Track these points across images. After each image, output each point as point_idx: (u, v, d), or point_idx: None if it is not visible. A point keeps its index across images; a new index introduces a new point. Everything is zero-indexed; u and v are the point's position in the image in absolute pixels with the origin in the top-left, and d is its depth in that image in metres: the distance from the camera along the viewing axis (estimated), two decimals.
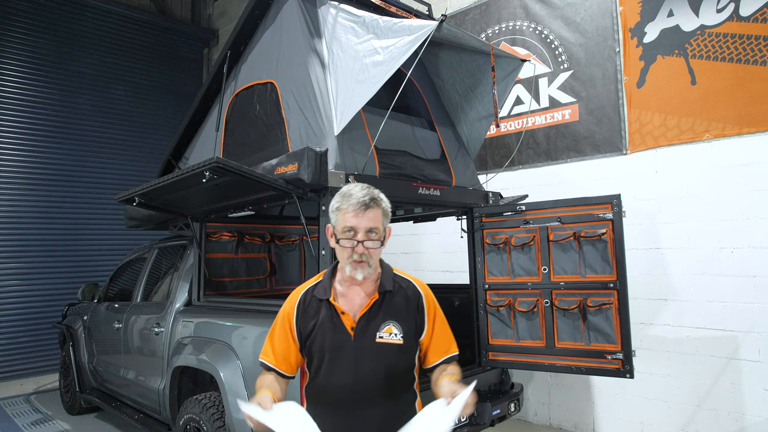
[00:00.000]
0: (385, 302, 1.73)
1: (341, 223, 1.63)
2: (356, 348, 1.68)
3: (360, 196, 1.62)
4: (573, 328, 3.23)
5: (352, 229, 1.62)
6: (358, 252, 1.62)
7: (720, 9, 3.93)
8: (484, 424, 3.32)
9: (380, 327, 1.70)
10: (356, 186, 1.68)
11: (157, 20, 9.41)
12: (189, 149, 4.45)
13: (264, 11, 3.68)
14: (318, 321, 1.71)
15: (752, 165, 3.76)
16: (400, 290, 1.77)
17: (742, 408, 3.73)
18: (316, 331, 1.70)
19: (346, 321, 1.70)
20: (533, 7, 5.13)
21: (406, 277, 1.84)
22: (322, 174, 2.76)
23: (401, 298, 1.76)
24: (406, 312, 1.75)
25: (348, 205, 1.62)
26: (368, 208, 1.62)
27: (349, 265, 1.64)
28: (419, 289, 1.82)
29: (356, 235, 1.62)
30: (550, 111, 4.98)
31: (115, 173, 8.53)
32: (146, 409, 4.08)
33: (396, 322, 1.72)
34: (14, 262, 7.52)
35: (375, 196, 1.65)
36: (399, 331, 1.71)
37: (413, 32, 2.73)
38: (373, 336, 1.69)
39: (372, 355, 1.68)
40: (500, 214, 3.56)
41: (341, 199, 1.65)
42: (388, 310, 1.72)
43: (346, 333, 1.69)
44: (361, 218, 1.61)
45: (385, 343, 1.69)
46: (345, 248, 1.63)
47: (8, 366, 7.35)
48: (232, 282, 4.12)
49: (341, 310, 1.71)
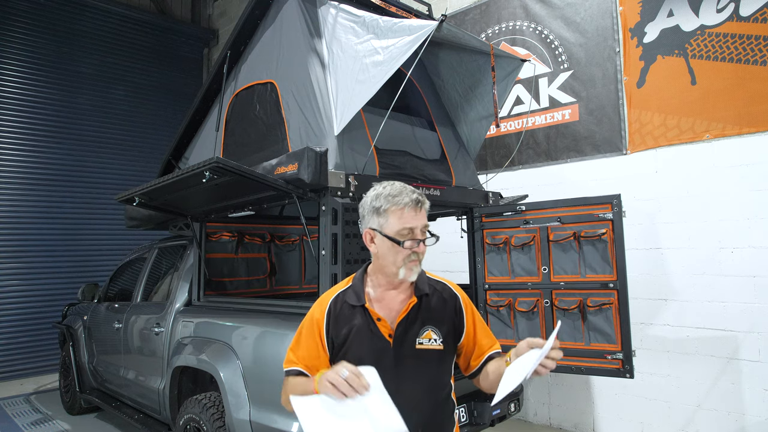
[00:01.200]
0: (422, 306, 1.66)
1: (397, 224, 1.56)
2: (396, 356, 1.59)
3: (410, 194, 1.58)
4: (573, 328, 3.23)
5: (411, 230, 1.56)
6: (419, 251, 1.58)
7: (720, 9, 3.93)
8: (484, 424, 3.32)
9: (419, 333, 1.63)
10: (395, 185, 1.62)
11: (157, 20, 9.41)
12: (189, 149, 4.45)
13: (264, 11, 3.68)
14: (353, 329, 1.61)
15: (752, 165, 3.76)
16: (436, 293, 1.71)
17: (742, 408, 3.73)
18: (351, 339, 1.60)
19: (383, 328, 1.61)
20: (533, 7, 5.13)
21: (440, 280, 1.78)
22: (322, 174, 2.76)
23: (438, 301, 1.70)
24: (444, 315, 1.68)
25: (403, 205, 1.56)
26: (422, 206, 1.59)
27: (404, 267, 1.57)
28: (455, 291, 1.76)
29: (416, 235, 1.57)
30: (550, 111, 4.98)
31: (115, 173, 8.52)
32: (146, 409, 4.08)
33: (434, 326, 1.65)
34: (14, 262, 7.52)
35: (421, 194, 1.62)
36: (438, 336, 1.65)
37: (413, 32, 2.73)
38: (413, 342, 1.62)
39: (412, 362, 1.61)
40: (500, 214, 3.56)
41: (389, 199, 1.58)
42: (425, 315, 1.65)
43: (384, 341, 1.60)
44: (419, 217, 1.58)
45: (425, 350, 1.62)
46: (404, 249, 1.56)
47: (8, 366, 7.35)
48: (232, 282, 4.12)
49: (377, 317, 1.62)
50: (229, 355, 3.08)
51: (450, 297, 1.73)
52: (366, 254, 2.85)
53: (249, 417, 2.86)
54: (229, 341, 3.15)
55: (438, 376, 1.67)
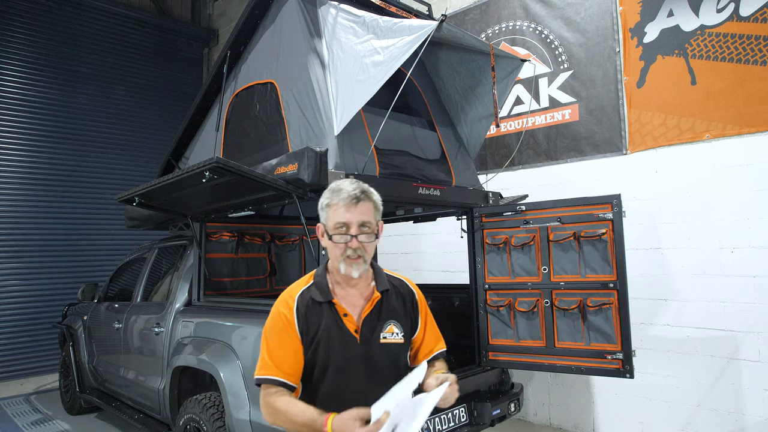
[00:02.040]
0: (384, 302, 1.71)
1: (332, 218, 1.60)
2: (363, 351, 1.64)
3: (350, 190, 1.59)
4: (573, 328, 3.23)
5: (344, 225, 1.58)
6: (352, 247, 1.58)
7: (720, 9, 3.93)
8: (484, 424, 3.32)
9: (383, 327, 1.69)
10: (344, 181, 1.66)
11: (157, 20, 9.41)
12: (189, 149, 4.45)
13: (264, 11, 3.68)
14: (321, 325, 1.63)
15: (752, 165, 3.76)
16: (394, 289, 1.77)
17: (742, 408, 3.73)
18: (320, 335, 1.63)
19: (349, 323, 1.65)
20: (533, 7, 5.13)
21: (397, 276, 1.83)
22: (322, 174, 2.76)
23: (396, 297, 1.76)
24: (402, 311, 1.75)
25: (339, 200, 1.59)
26: (360, 201, 1.59)
27: (343, 262, 1.60)
28: (411, 288, 1.82)
29: (349, 230, 1.58)
30: (550, 111, 4.98)
31: (115, 173, 8.52)
32: (146, 409, 4.08)
33: (396, 321, 1.71)
34: (14, 262, 7.52)
35: (365, 189, 1.63)
36: (399, 330, 1.71)
37: (413, 32, 2.73)
38: (378, 337, 1.67)
39: (379, 357, 1.66)
40: (500, 214, 3.56)
41: (330, 194, 1.62)
42: (387, 310, 1.71)
43: (351, 336, 1.64)
44: (353, 212, 1.58)
45: (388, 344, 1.68)
46: (338, 244, 1.59)
47: (8, 366, 7.35)
48: (232, 282, 4.12)
49: (344, 312, 1.66)
50: (229, 355, 3.08)
51: (407, 293, 1.80)
52: None
53: (249, 417, 2.86)
54: (229, 341, 3.15)
55: (400, 368, 1.74)
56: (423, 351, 1.80)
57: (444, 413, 3.17)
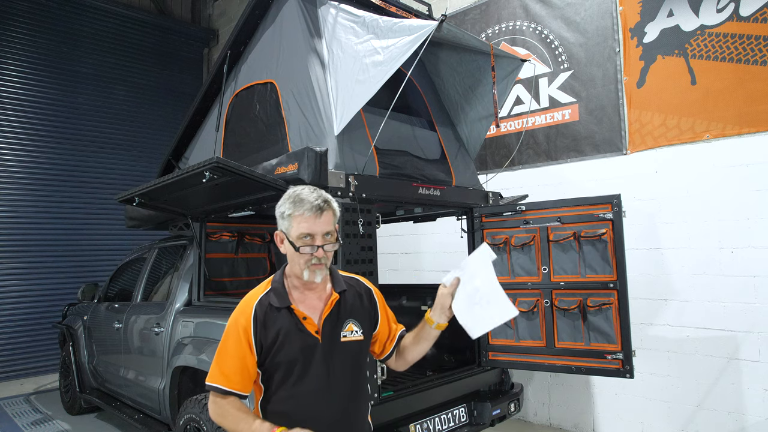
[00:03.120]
0: (342, 302, 1.76)
1: (296, 229, 1.62)
2: (325, 350, 1.69)
3: (313, 200, 1.62)
4: (573, 328, 3.23)
5: (309, 235, 1.62)
6: (318, 256, 1.63)
7: (720, 9, 3.93)
8: (484, 424, 3.32)
9: (343, 326, 1.74)
10: (304, 189, 1.67)
11: (157, 20, 9.42)
12: (189, 149, 4.45)
13: (264, 11, 3.68)
14: (281, 330, 1.66)
15: (752, 165, 3.76)
16: (351, 288, 1.82)
17: (742, 408, 3.73)
18: (281, 340, 1.65)
19: (309, 326, 1.68)
20: (533, 7, 5.13)
21: (352, 276, 1.90)
22: (322, 174, 2.76)
23: (354, 295, 1.81)
24: (361, 308, 1.80)
25: (303, 211, 1.61)
26: (323, 212, 1.63)
27: (307, 269, 1.63)
28: (367, 285, 1.89)
29: (314, 240, 1.62)
30: (550, 111, 4.98)
31: (115, 173, 8.53)
32: (146, 409, 4.08)
33: (354, 319, 1.77)
34: (14, 262, 7.53)
35: (327, 198, 1.66)
36: (359, 328, 1.77)
37: (413, 32, 2.73)
38: (338, 336, 1.72)
39: (340, 355, 1.71)
40: (500, 214, 3.56)
41: (292, 205, 1.63)
42: (345, 309, 1.76)
43: (312, 338, 1.68)
44: (318, 223, 1.62)
45: (349, 341, 1.74)
46: (304, 254, 1.62)
47: (8, 366, 7.35)
48: (232, 282, 4.12)
49: (303, 315, 1.69)
50: None
51: (364, 291, 1.86)
52: (365, 254, 2.85)
53: None
54: None
55: (360, 364, 1.80)
56: (390, 338, 1.89)
57: (444, 413, 3.18)
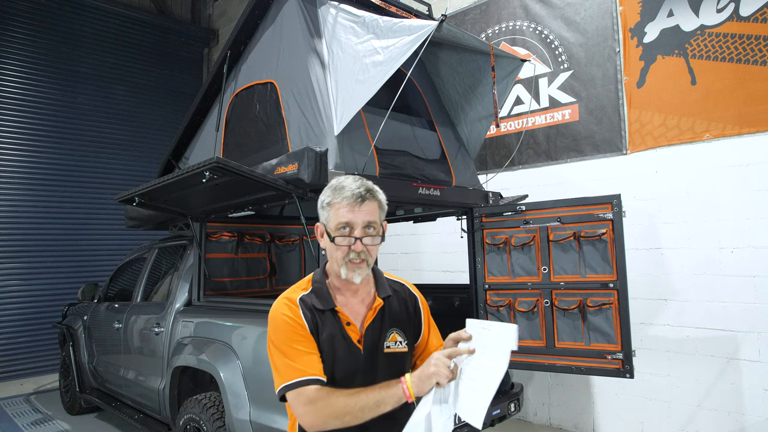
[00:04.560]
0: (386, 309, 1.61)
1: (334, 218, 1.47)
2: (367, 361, 1.54)
3: (354, 188, 1.47)
4: (573, 328, 3.23)
5: (347, 225, 1.46)
6: (356, 250, 1.46)
7: (720, 9, 3.93)
8: (484, 424, 3.32)
9: (386, 336, 1.58)
10: (347, 178, 1.52)
11: (157, 20, 9.41)
12: (189, 149, 4.45)
13: (264, 11, 3.68)
14: (325, 333, 1.51)
15: (752, 165, 3.76)
16: (396, 294, 1.67)
17: (742, 408, 3.73)
18: (323, 345, 1.51)
19: (352, 333, 1.54)
20: (533, 7, 5.13)
21: (397, 280, 1.73)
22: (322, 174, 2.76)
23: (398, 302, 1.66)
24: (405, 317, 1.65)
25: (342, 199, 1.46)
26: (365, 201, 1.46)
27: (344, 266, 1.48)
28: (413, 292, 1.73)
29: (353, 232, 1.46)
30: (550, 111, 4.98)
31: (115, 173, 8.52)
32: (146, 409, 4.08)
33: (398, 329, 1.61)
34: (14, 262, 7.52)
35: (370, 187, 1.50)
36: (403, 339, 1.61)
37: (413, 32, 2.73)
38: (381, 346, 1.57)
39: (383, 367, 1.56)
40: (500, 214, 3.56)
41: (332, 192, 1.49)
42: (389, 317, 1.61)
43: (354, 346, 1.53)
44: (357, 212, 1.46)
45: (393, 353, 1.58)
46: (341, 247, 1.47)
47: (8, 366, 7.34)
48: (232, 282, 4.12)
49: (347, 320, 1.54)
50: (229, 355, 3.08)
51: (409, 297, 1.70)
52: None
53: (249, 417, 2.86)
54: (229, 341, 3.15)
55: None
56: (425, 355, 1.69)
57: None
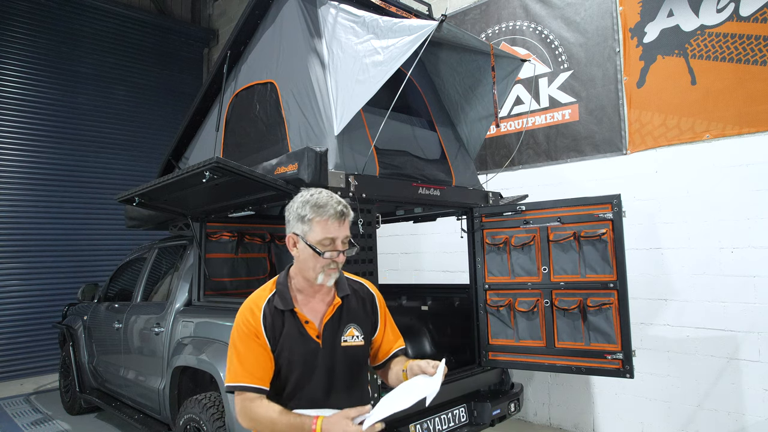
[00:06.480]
0: (344, 306, 1.77)
1: (319, 233, 1.63)
2: (325, 355, 1.70)
3: (335, 205, 1.65)
4: (573, 328, 3.23)
5: (332, 240, 1.64)
6: (339, 261, 1.66)
7: (720, 9, 3.93)
8: (484, 424, 3.33)
9: (344, 331, 1.74)
10: (321, 194, 1.68)
11: (157, 20, 9.42)
12: (189, 149, 4.45)
13: (264, 11, 3.68)
14: (283, 332, 1.68)
15: (752, 165, 3.76)
16: (355, 293, 1.83)
17: (742, 408, 3.73)
18: (283, 343, 1.68)
19: (310, 330, 1.70)
20: (533, 7, 5.13)
21: (357, 279, 1.90)
22: (322, 174, 2.76)
23: (356, 300, 1.82)
24: (363, 313, 1.81)
25: (327, 216, 1.63)
26: (345, 218, 1.66)
27: (323, 273, 1.65)
28: (371, 290, 1.89)
29: (336, 245, 1.65)
30: (550, 111, 4.98)
31: (115, 173, 8.53)
32: (146, 409, 4.08)
33: (356, 324, 1.77)
34: (14, 262, 7.52)
35: (345, 204, 1.69)
36: (360, 333, 1.77)
37: (413, 32, 2.73)
38: (339, 341, 1.73)
39: (341, 360, 1.72)
40: (500, 214, 3.56)
41: (314, 209, 1.64)
42: (347, 314, 1.77)
43: (313, 342, 1.70)
44: (341, 228, 1.65)
45: (349, 346, 1.74)
46: (324, 259, 1.64)
47: (8, 366, 7.35)
48: (232, 282, 4.12)
49: (305, 319, 1.70)
50: None
51: (367, 295, 1.87)
52: (365, 254, 2.85)
53: None
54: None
55: (361, 369, 1.81)
56: (383, 350, 1.88)
57: (444, 413, 3.18)
